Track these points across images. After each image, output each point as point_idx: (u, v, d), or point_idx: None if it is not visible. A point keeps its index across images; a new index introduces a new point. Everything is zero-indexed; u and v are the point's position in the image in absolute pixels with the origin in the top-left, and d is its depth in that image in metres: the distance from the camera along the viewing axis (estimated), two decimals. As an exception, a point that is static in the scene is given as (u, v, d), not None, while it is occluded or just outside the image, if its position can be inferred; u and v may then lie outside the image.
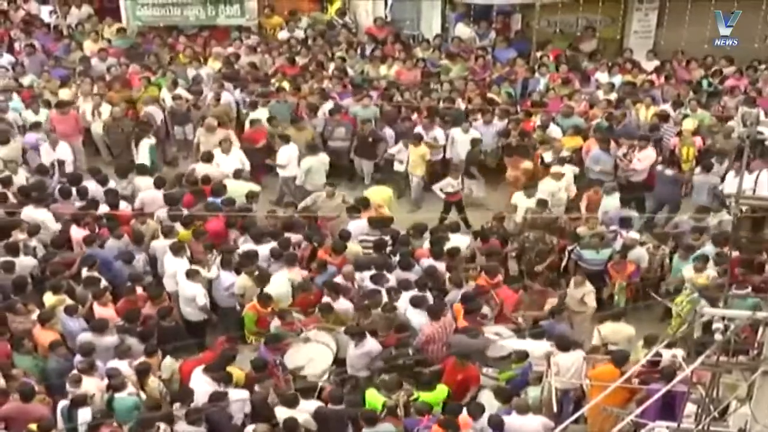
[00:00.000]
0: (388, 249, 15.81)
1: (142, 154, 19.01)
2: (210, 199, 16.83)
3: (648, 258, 15.81)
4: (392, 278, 14.90)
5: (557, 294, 14.82)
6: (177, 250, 15.19)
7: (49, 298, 14.22)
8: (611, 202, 17.13)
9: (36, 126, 19.24)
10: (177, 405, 12.25)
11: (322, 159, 18.74)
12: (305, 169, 18.50)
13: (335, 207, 17.01)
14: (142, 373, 12.80)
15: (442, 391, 12.76)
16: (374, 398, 12.49)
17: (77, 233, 15.82)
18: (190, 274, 14.63)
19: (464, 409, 12.18)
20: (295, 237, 15.93)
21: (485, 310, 14.39)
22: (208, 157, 18.18)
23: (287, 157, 18.74)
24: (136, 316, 13.95)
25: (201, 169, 17.93)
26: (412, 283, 14.63)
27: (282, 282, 14.70)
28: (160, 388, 12.78)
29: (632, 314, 14.91)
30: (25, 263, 15.02)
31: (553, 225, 16.51)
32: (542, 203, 16.75)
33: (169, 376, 13.10)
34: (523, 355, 13.20)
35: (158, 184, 17.26)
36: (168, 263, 15.29)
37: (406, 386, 12.66)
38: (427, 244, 15.91)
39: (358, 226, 16.33)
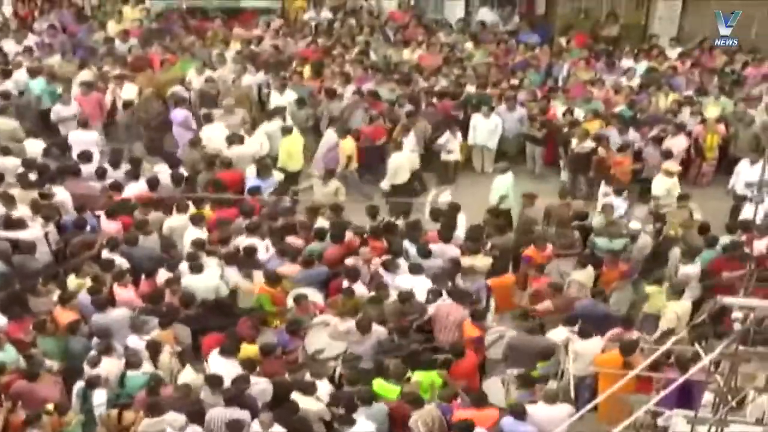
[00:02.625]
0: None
1: None
2: (253, 180, 16.82)
3: (651, 242, 15.65)
4: (404, 264, 14.64)
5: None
6: (197, 221, 15.17)
7: (71, 281, 14.22)
8: None
9: (182, 102, 19.43)
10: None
11: (280, 124, 18.64)
12: (265, 134, 18.44)
13: (326, 193, 16.84)
14: (153, 350, 12.70)
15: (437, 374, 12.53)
16: (384, 388, 12.19)
17: (109, 225, 15.54)
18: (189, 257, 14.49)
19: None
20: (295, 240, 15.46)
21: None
22: (240, 140, 18.06)
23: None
24: (161, 298, 13.84)
25: (234, 150, 17.83)
26: (424, 267, 14.43)
27: (211, 275, 14.34)
28: (172, 365, 12.69)
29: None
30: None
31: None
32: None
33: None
34: (549, 354, 13.07)
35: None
36: (188, 237, 15.08)
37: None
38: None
39: None
